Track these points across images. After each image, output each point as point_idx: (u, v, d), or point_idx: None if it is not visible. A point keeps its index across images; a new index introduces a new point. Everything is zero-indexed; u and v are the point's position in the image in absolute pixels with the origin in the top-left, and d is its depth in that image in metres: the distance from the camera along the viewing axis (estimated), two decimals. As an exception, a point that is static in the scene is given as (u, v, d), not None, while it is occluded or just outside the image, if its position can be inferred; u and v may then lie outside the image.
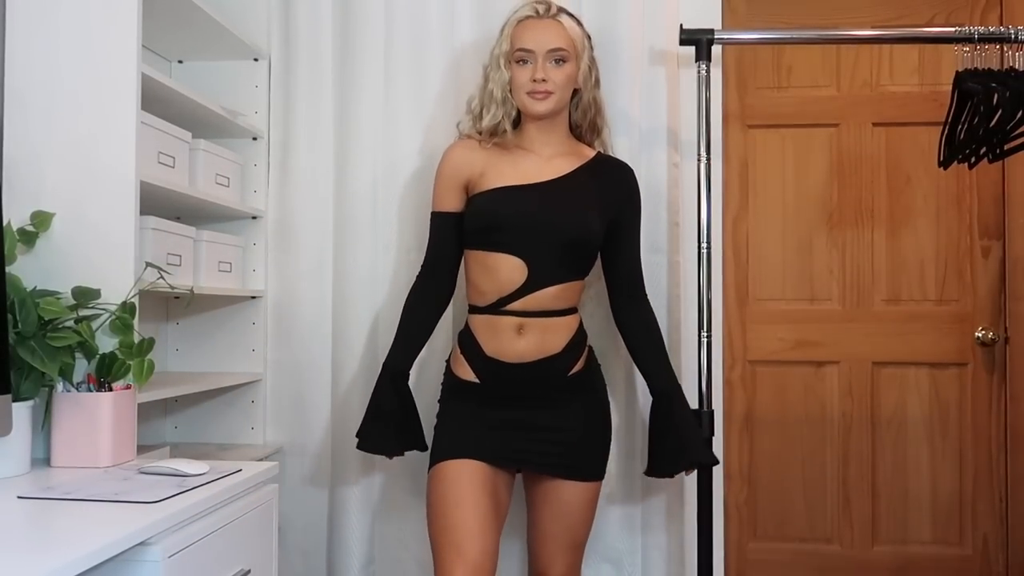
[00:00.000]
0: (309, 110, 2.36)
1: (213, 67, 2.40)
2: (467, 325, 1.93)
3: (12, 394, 1.47)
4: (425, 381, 2.18)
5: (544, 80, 1.85)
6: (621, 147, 2.22)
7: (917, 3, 2.55)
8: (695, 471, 2.04)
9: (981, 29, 2.01)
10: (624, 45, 2.25)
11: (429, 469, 1.88)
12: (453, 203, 1.94)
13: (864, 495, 2.55)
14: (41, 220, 1.72)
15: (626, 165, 2.03)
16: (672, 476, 2.01)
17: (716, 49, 2.19)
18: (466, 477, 1.81)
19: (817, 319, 2.58)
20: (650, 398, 2.00)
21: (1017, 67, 1.98)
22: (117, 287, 1.71)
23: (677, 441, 1.94)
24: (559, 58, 1.87)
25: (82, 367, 1.69)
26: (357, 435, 1.96)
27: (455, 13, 2.29)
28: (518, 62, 1.89)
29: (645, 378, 2.00)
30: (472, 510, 1.78)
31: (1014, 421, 2.50)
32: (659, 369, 1.98)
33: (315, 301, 2.34)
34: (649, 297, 2.05)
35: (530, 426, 1.88)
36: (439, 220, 1.96)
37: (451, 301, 2.04)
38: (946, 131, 2.07)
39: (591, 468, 1.92)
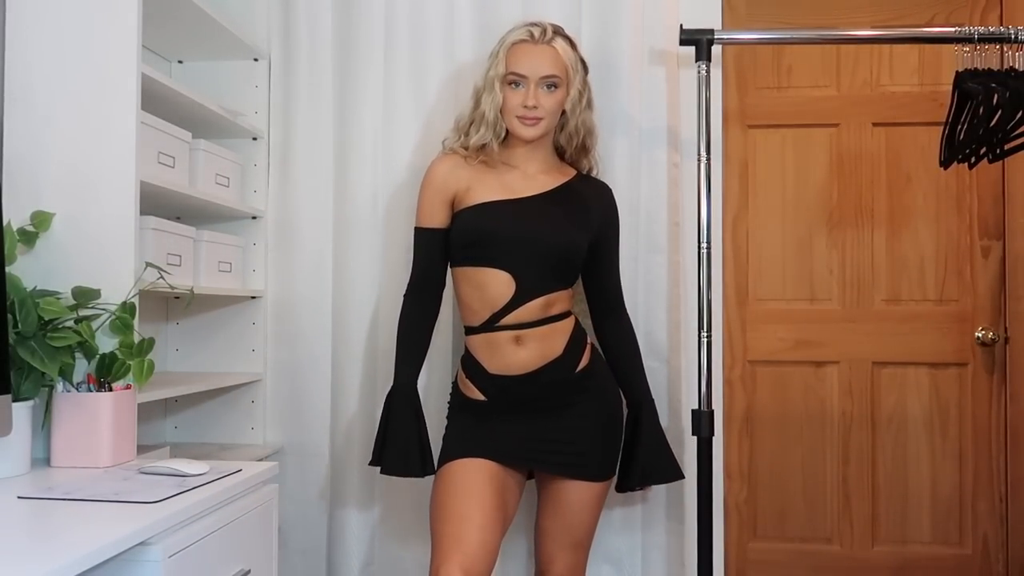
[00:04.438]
0: (309, 110, 2.36)
1: (213, 67, 2.40)
2: (467, 348, 1.93)
3: (12, 394, 1.47)
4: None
5: (535, 107, 1.84)
6: (621, 147, 2.23)
7: (917, 3, 2.55)
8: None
9: (981, 29, 2.01)
10: (624, 45, 2.25)
11: (436, 472, 1.87)
12: (440, 219, 1.92)
13: (864, 495, 2.55)
14: (41, 220, 1.72)
15: (605, 185, 2.04)
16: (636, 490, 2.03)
17: (716, 49, 2.19)
18: (474, 472, 1.80)
19: (817, 319, 2.58)
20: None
21: (1017, 67, 1.98)
22: (117, 287, 1.72)
23: (644, 461, 1.96)
24: (551, 83, 1.86)
25: (82, 367, 1.69)
26: (378, 459, 1.88)
27: (455, 10, 2.29)
28: (510, 84, 1.87)
29: (622, 389, 2.01)
30: (477, 502, 1.76)
31: (1014, 421, 2.50)
32: (636, 381, 2.01)
33: (315, 301, 2.34)
34: (649, 297, 2.04)
35: (542, 429, 1.87)
36: (426, 236, 1.94)
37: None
38: (946, 131, 2.07)
39: (600, 468, 1.92)
